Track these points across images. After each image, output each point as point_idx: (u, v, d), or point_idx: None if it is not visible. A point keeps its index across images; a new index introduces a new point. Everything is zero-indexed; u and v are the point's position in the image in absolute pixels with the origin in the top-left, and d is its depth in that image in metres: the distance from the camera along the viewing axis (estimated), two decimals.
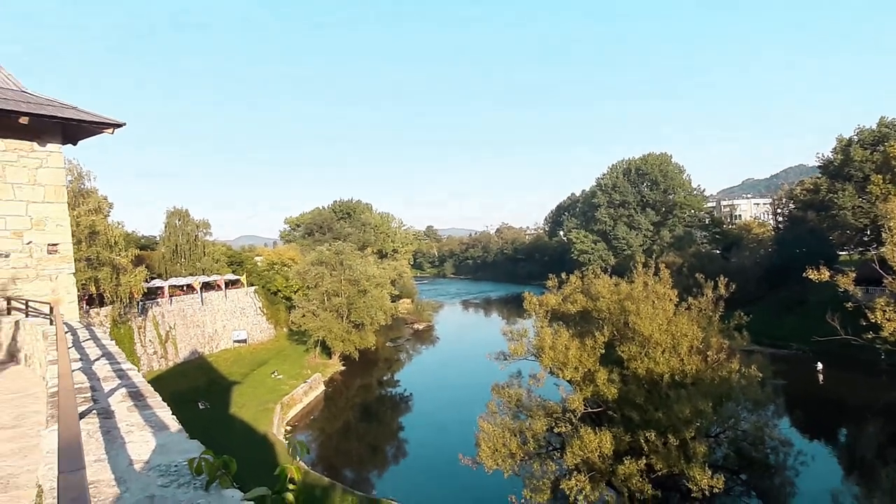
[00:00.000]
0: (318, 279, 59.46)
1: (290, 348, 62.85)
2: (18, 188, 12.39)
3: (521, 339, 27.98)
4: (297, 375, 52.34)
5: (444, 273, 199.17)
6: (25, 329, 10.68)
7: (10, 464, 6.04)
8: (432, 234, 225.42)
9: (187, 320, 54.78)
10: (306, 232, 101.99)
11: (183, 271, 61.02)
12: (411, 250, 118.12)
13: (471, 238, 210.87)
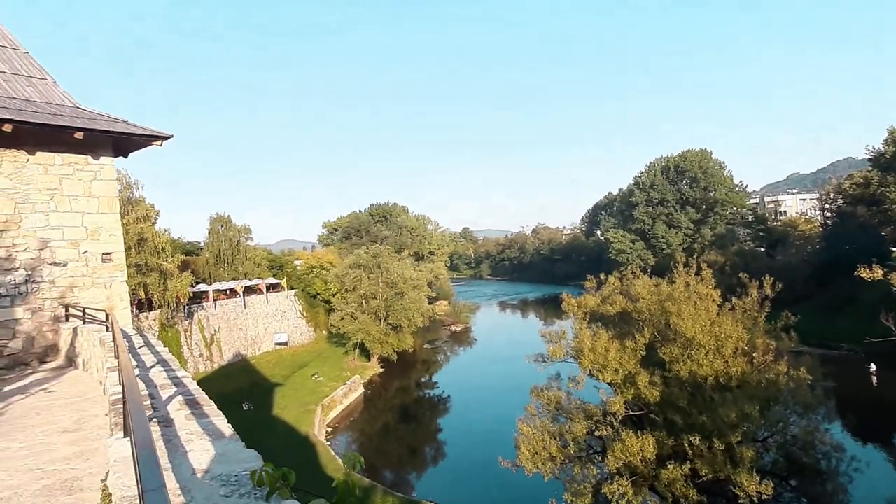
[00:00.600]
0: (356, 282, 60.17)
1: (330, 350, 63.76)
2: (74, 200, 12.95)
3: (560, 341, 27.78)
4: (336, 377, 53.08)
5: (481, 274, 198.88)
6: (83, 335, 11.16)
7: (73, 466, 6.35)
8: (468, 235, 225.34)
9: (231, 323, 56.17)
10: (344, 235, 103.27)
11: (226, 276, 62.60)
12: (448, 252, 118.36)
13: (507, 239, 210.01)
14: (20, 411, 8.86)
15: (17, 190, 12.00)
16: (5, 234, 11.79)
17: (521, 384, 40.28)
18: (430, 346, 73.02)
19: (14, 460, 6.57)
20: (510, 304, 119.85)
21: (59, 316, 12.57)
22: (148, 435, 2.20)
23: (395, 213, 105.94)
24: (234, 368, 52.06)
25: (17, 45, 13.36)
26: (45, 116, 11.97)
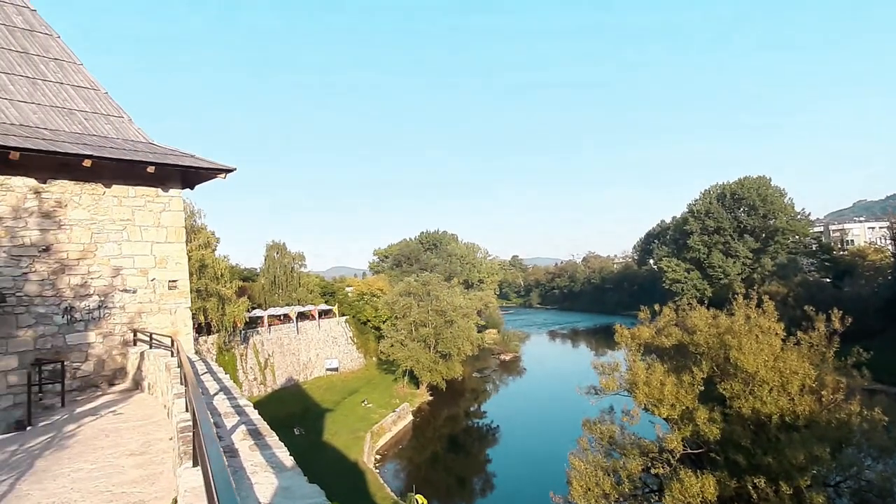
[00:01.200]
0: (405, 309, 60.59)
1: (380, 377, 64.06)
2: (145, 230, 13.65)
3: (613, 374, 27.09)
4: (386, 404, 53.18)
5: (531, 303, 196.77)
6: (150, 360, 11.63)
7: (139, 490, 6.58)
8: (517, 263, 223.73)
9: (284, 348, 57.33)
10: (394, 263, 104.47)
11: (280, 301, 64.17)
12: (497, 280, 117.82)
13: (557, 267, 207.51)
14: (91, 433, 9.28)
15: (94, 221, 12.75)
16: (82, 263, 12.50)
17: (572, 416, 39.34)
18: (479, 375, 72.39)
19: (86, 482, 6.88)
20: (560, 333, 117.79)
21: (127, 340, 13.15)
22: (224, 471, 2.29)
23: (444, 240, 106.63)
24: (287, 393, 52.90)
25: (98, 85, 14.33)
26: (120, 152, 12.74)
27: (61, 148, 11.62)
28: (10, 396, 11.19)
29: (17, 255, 11.51)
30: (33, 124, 12.27)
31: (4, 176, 11.37)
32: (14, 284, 11.42)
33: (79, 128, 13.07)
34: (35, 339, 11.66)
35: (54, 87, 13.36)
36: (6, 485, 6.92)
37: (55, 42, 14.12)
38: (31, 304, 11.66)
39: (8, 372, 11.24)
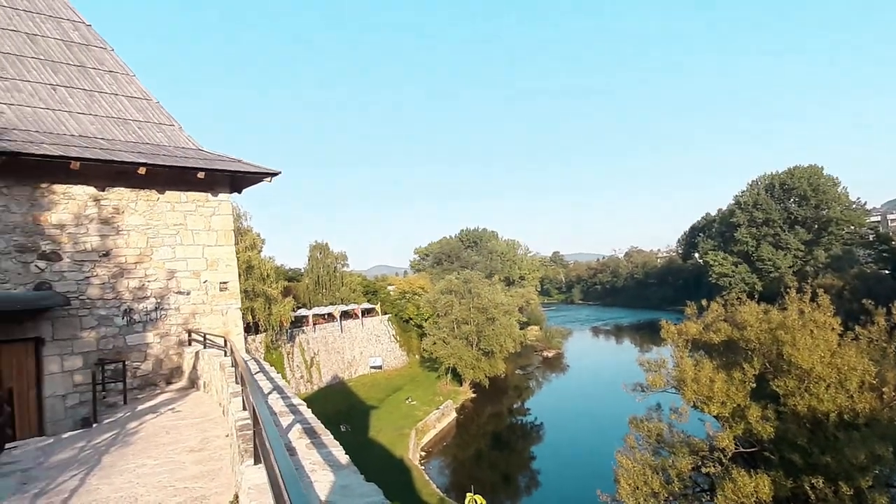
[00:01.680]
0: (447, 307, 60.79)
1: (423, 375, 64.49)
2: (196, 234, 14.12)
3: (660, 370, 26.56)
4: (429, 402, 53.50)
5: (572, 299, 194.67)
6: (204, 359, 12.03)
7: (201, 485, 6.83)
8: (559, 259, 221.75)
9: (329, 347, 58.33)
10: (435, 261, 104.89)
11: (324, 301, 65.29)
12: (538, 277, 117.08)
13: (598, 263, 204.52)
14: (152, 430, 9.68)
15: (150, 226, 13.25)
16: (139, 266, 13.02)
17: (618, 413, 38.76)
18: (521, 372, 72.07)
19: (151, 476, 7.18)
20: (603, 329, 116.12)
21: (182, 340, 13.64)
22: (293, 471, 2.37)
23: (484, 238, 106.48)
24: (333, 390, 53.81)
25: (150, 96, 14.87)
26: (172, 159, 13.21)
27: (118, 157, 12.12)
28: (77, 395, 11.76)
29: (80, 260, 12.07)
30: (91, 135, 12.83)
31: (66, 185, 11.93)
32: (77, 288, 11.99)
33: (133, 137, 13.60)
34: (98, 340, 12.21)
35: (110, 98, 13.94)
36: (76, 479, 7.28)
37: (109, 55, 14.72)
38: (94, 307, 12.22)
39: (74, 371, 11.81)
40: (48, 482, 7.22)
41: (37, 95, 12.64)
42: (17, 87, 12.42)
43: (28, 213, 11.42)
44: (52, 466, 8.00)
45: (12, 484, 7.26)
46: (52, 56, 13.56)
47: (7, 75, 12.42)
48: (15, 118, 11.91)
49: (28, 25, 13.61)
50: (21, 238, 11.29)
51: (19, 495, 6.76)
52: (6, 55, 12.71)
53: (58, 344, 11.67)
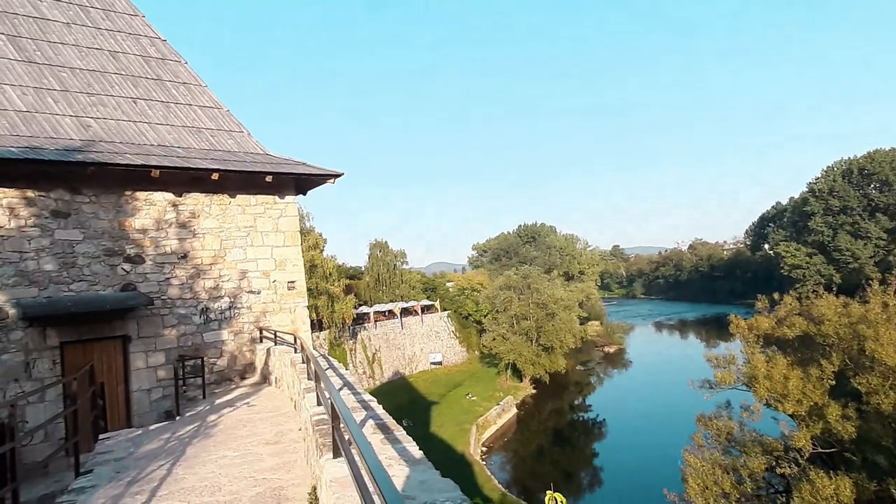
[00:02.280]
0: (506, 303, 60.66)
1: (482, 371, 64.63)
2: (265, 235, 14.70)
3: (729, 367, 25.71)
4: (489, 398, 53.60)
5: (634, 293, 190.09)
6: (275, 355, 12.54)
7: (278, 476, 7.16)
8: (619, 253, 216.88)
9: (390, 343, 59.34)
10: (493, 257, 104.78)
11: (385, 298, 66.43)
12: (598, 271, 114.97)
13: (661, 256, 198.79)
14: (230, 423, 10.19)
15: (223, 228, 13.91)
16: (214, 267, 13.69)
17: (684, 411, 37.68)
18: (582, 368, 71.07)
19: (231, 468, 7.58)
20: (667, 324, 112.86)
21: (254, 338, 14.25)
22: (381, 466, 2.50)
23: (543, 233, 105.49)
24: (394, 386, 54.71)
25: (220, 104, 15.57)
26: (242, 164, 13.80)
27: (193, 164, 12.79)
28: (160, 389, 12.51)
29: (161, 262, 12.81)
30: (169, 144, 13.57)
31: (148, 192, 12.68)
32: (159, 289, 12.73)
33: (206, 144, 14.29)
34: (178, 338, 12.93)
35: (184, 108, 14.70)
36: (164, 469, 7.77)
37: (183, 68, 15.50)
38: (174, 306, 12.94)
39: (157, 367, 12.56)
40: (139, 471, 7.74)
41: (119, 108, 13.48)
42: (102, 102, 13.29)
43: (114, 219, 12.21)
44: (141, 456, 8.56)
45: (108, 472, 7.82)
46: (133, 71, 14.42)
47: (93, 91, 13.31)
48: (101, 131, 12.75)
49: (110, 43, 14.52)
50: (108, 242, 12.09)
51: (114, 483, 7.28)
52: (92, 72, 13.62)
53: (142, 341, 12.43)
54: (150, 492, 6.80)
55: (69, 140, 11.96)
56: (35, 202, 11.24)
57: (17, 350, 10.78)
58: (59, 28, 13.83)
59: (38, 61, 12.93)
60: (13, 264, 10.89)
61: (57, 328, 11.24)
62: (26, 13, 13.49)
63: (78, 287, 11.58)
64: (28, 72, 12.62)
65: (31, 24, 13.43)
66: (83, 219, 11.80)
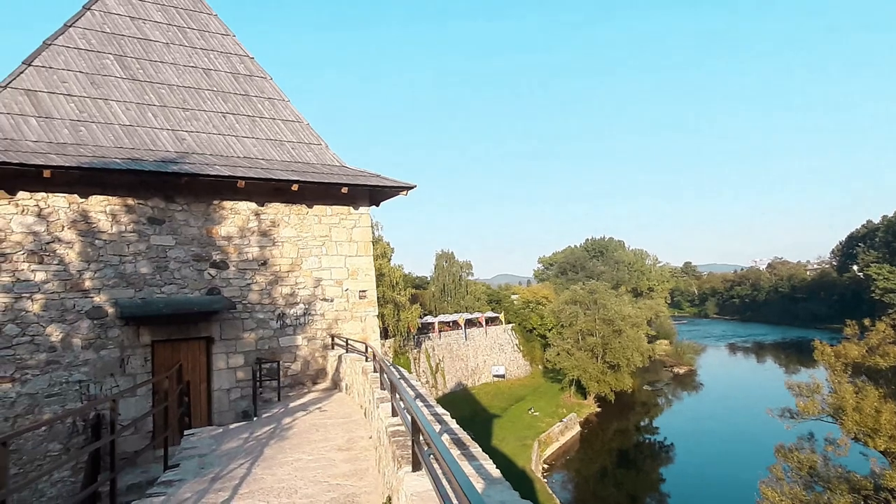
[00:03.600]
0: (572, 318, 59.62)
1: (545, 386, 63.66)
2: (339, 245, 15.15)
3: (813, 396, 24.30)
4: (552, 414, 52.71)
5: (706, 313, 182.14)
6: (346, 363, 12.87)
7: (350, 483, 7.33)
8: (690, 270, 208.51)
9: (453, 354, 59.48)
10: (559, 271, 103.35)
11: (449, 308, 66.77)
12: (668, 288, 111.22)
13: (736, 274, 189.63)
14: (304, 426, 10.53)
15: (300, 237, 14.45)
16: (291, 275, 14.23)
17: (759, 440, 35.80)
18: (650, 388, 68.72)
19: (306, 471, 7.84)
20: (742, 346, 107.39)
21: (326, 344, 14.67)
22: (472, 486, 2.54)
23: (611, 247, 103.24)
24: (456, 397, 54.74)
25: (301, 118, 16.23)
26: (320, 176, 14.31)
27: (276, 175, 13.39)
28: (238, 389, 13.09)
29: (243, 268, 13.44)
30: (253, 156, 14.27)
31: (233, 201, 13.36)
32: (240, 293, 13.36)
33: (287, 156, 14.93)
34: (256, 341, 13.51)
35: (268, 122, 15.42)
36: (244, 468, 8.12)
37: (268, 83, 16.29)
38: (253, 311, 13.54)
39: (237, 368, 13.16)
40: (221, 468, 8.13)
41: (210, 123, 14.31)
42: (196, 116, 14.15)
43: (203, 226, 12.94)
44: (223, 454, 8.99)
45: (193, 467, 8.26)
46: (223, 87, 15.28)
47: (188, 106, 14.20)
48: (193, 143, 13.58)
49: (204, 61, 15.45)
50: (197, 249, 12.81)
51: (199, 478, 7.68)
52: (187, 88, 14.54)
53: (224, 343, 13.07)
54: (232, 489, 7.13)
55: (166, 152, 12.80)
56: (134, 209, 12.08)
57: (114, 346, 11.59)
58: (160, 48, 14.86)
59: (141, 79, 13.94)
60: (113, 267, 11.74)
61: (149, 327, 12.01)
62: (131, 34, 14.58)
63: (169, 290, 12.33)
64: (132, 88, 13.62)
65: (135, 44, 14.50)
66: (175, 226, 12.58)
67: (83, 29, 13.87)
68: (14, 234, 10.86)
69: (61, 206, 11.35)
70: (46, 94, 12.34)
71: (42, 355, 10.87)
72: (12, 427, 10.38)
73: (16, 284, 10.77)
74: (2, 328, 10.55)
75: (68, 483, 10.80)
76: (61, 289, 11.18)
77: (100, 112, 12.76)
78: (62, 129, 11.99)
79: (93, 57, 13.56)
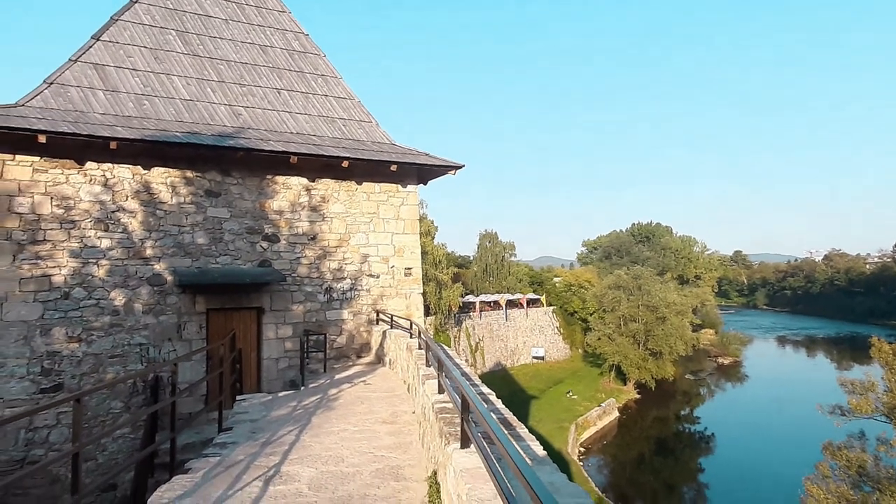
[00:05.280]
0: (614, 303, 58.88)
1: (585, 370, 63.33)
2: (387, 222, 15.34)
3: (867, 394, 23.46)
4: (591, 398, 52.48)
5: (755, 303, 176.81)
6: (391, 338, 13.12)
7: (395, 455, 7.54)
8: (741, 259, 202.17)
9: (493, 334, 59.68)
10: (604, 255, 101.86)
11: (491, 289, 66.79)
12: (716, 277, 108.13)
13: (789, 265, 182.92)
14: (349, 398, 10.84)
15: (349, 214, 14.70)
16: (338, 250, 14.52)
17: (805, 436, 34.88)
18: (692, 377, 67.50)
19: (351, 441, 8.09)
20: (792, 339, 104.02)
21: (371, 319, 14.97)
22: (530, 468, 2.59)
23: (658, 233, 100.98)
24: (495, 377, 55.04)
25: (353, 95, 16.38)
26: (370, 153, 14.47)
27: (327, 152, 13.61)
28: (286, 359, 13.53)
29: (293, 242, 13.80)
30: (306, 132, 14.52)
31: (286, 177, 13.68)
32: (290, 266, 13.73)
33: (338, 133, 15.13)
34: (304, 314, 13.90)
35: (321, 99, 15.63)
36: (293, 435, 8.44)
37: (322, 60, 16.47)
38: (302, 284, 13.91)
39: (285, 339, 13.59)
40: (271, 434, 8.48)
41: (266, 98, 14.61)
42: (252, 92, 14.47)
43: (256, 200, 13.31)
44: (272, 420, 9.36)
45: (245, 431, 8.64)
46: (278, 63, 15.54)
47: (245, 82, 14.52)
48: (249, 119, 13.91)
49: (261, 38, 15.73)
50: (250, 222, 13.21)
51: (251, 442, 8.04)
52: (244, 65, 14.85)
53: (274, 314, 13.50)
54: (283, 454, 7.45)
55: (223, 127, 13.16)
56: (193, 182, 12.51)
57: (172, 313, 12.13)
58: (219, 24, 15.19)
59: (201, 54, 14.30)
60: (173, 237, 12.23)
61: (205, 296, 12.50)
62: (192, 10, 14.93)
63: (223, 260, 12.78)
64: (192, 64, 14.01)
65: (196, 20, 14.86)
66: (231, 199, 12.98)
67: (148, 5, 14.29)
68: (82, 203, 11.42)
69: (126, 177, 11.86)
70: (113, 68, 12.82)
71: (106, 318, 11.48)
72: (79, 384, 11.05)
73: (83, 250, 11.36)
74: (70, 291, 11.18)
75: (128, 439, 11.45)
76: (124, 256, 11.74)
77: (162, 86, 13.20)
78: (127, 102, 12.47)
79: (156, 32, 13.98)
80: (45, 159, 11.12)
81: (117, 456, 11.29)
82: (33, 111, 11.09)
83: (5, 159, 10.84)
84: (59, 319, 11.05)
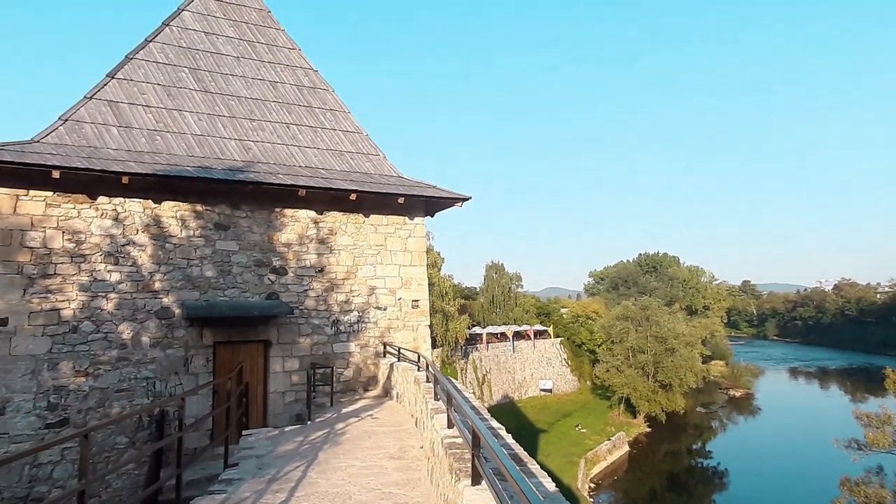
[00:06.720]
0: (622, 334, 58.35)
1: (594, 402, 62.39)
2: (394, 254, 15.38)
3: (884, 427, 22.97)
4: (600, 431, 51.58)
5: (765, 334, 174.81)
6: (398, 371, 13.01)
7: (404, 492, 7.39)
8: (749, 289, 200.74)
9: (500, 366, 59.09)
10: (610, 285, 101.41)
11: (498, 320, 66.42)
12: (724, 307, 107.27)
13: (799, 295, 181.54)
14: (356, 433, 10.70)
15: (356, 246, 14.76)
16: (346, 282, 14.53)
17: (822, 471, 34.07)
18: (703, 410, 66.33)
19: (359, 477, 7.96)
20: (804, 371, 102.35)
21: (378, 352, 14.88)
22: (538, 498, 2.56)
23: (665, 263, 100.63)
24: (503, 410, 54.27)
25: (361, 129, 16.62)
26: (378, 186, 14.61)
27: (335, 185, 13.75)
28: (293, 393, 13.42)
29: (301, 274, 13.83)
30: (314, 165, 14.70)
31: (294, 209, 13.79)
32: (297, 299, 13.73)
33: (346, 166, 15.30)
34: (311, 346, 13.84)
35: (329, 133, 15.87)
36: (299, 471, 8.32)
37: (330, 95, 16.77)
38: (309, 317, 13.89)
39: (292, 372, 13.51)
40: (278, 469, 8.36)
41: (275, 133, 14.85)
42: (262, 127, 14.72)
43: (265, 233, 13.41)
44: (279, 456, 9.24)
45: (251, 467, 8.53)
46: (288, 99, 15.84)
47: (255, 117, 14.79)
48: (259, 153, 14.11)
49: (271, 74, 16.07)
50: (258, 254, 13.28)
51: (257, 478, 7.92)
52: (255, 100, 15.15)
53: (281, 347, 13.45)
54: (289, 491, 7.33)
55: (233, 161, 13.35)
56: (202, 215, 12.63)
57: (179, 346, 12.11)
58: (231, 61, 15.54)
59: (213, 91, 14.61)
60: (181, 270, 12.29)
61: (212, 329, 12.49)
62: (205, 49, 15.31)
63: (231, 293, 12.81)
64: (204, 100, 14.29)
65: (208, 58, 15.22)
66: (240, 232, 13.08)
67: (162, 44, 14.67)
68: (93, 237, 11.54)
69: (136, 211, 11.99)
70: (127, 104, 13.09)
71: (114, 352, 11.47)
72: (84, 419, 10.98)
73: (93, 284, 11.42)
74: (79, 325, 11.20)
75: (132, 475, 11.31)
76: (133, 289, 11.79)
77: (174, 122, 13.44)
78: (140, 137, 12.69)
79: (169, 70, 14.31)
80: (58, 194, 11.27)
81: (121, 492, 11.14)
82: (48, 147, 11.30)
83: (19, 194, 11.00)
84: (67, 353, 11.05)
